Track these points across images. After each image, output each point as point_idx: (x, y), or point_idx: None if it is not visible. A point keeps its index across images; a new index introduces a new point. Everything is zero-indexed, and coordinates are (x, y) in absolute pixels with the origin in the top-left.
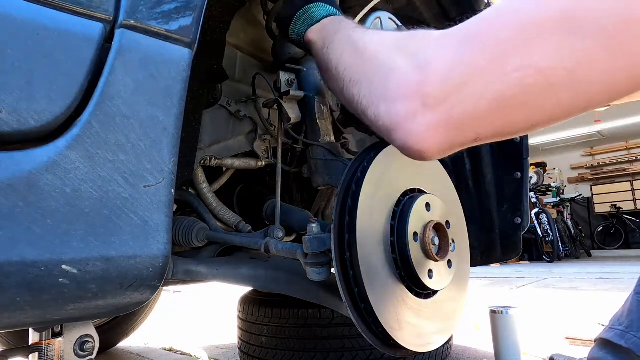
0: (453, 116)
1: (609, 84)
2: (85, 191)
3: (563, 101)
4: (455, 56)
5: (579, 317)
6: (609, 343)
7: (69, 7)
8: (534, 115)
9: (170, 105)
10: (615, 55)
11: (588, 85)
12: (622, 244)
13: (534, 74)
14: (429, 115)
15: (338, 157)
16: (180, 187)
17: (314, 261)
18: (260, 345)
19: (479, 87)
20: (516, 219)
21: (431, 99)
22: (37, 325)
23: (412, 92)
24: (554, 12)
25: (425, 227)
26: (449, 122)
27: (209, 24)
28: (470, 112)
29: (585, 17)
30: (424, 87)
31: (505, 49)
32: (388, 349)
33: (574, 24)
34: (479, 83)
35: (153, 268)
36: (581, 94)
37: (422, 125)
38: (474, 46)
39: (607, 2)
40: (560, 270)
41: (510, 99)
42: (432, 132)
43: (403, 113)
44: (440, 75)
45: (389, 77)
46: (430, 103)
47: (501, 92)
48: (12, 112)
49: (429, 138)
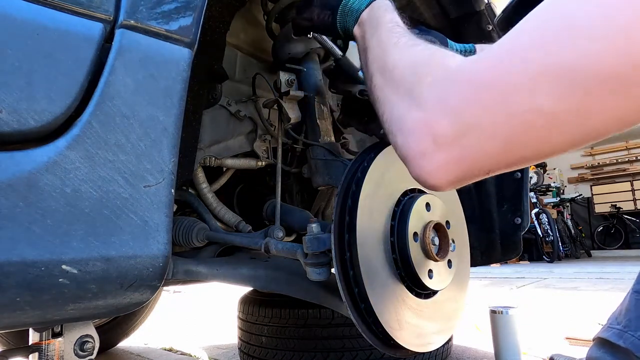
0: (464, 155)
1: (616, 119)
2: (85, 191)
3: (570, 136)
4: (467, 96)
5: (579, 317)
6: (607, 342)
7: (69, 7)
8: (543, 150)
9: (170, 105)
10: (619, 99)
11: (594, 122)
12: (622, 244)
13: (538, 117)
14: (441, 154)
15: (338, 157)
16: (180, 187)
17: (314, 261)
18: (260, 345)
19: (489, 128)
20: (516, 219)
21: (442, 139)
22: (37, 325)
23: (424, 131)
24: (558, 64)
25: (425, 227)
26: (460, 161)
27: (209, 24)
28: (480, 152)
29: (586, 69)
30: (435, 126)
31: (513, 93)
32: (388, 349)
33: (576, 75)
34: (488, 124)
35: (153, 268)
36: (589, 129)
37: (433, 163)
38: (483, 88)
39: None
40: (560, 270)
41: (518, 138)
42: (444, 170)
43: (416, 149)
44: (452, 115)
45: (405, 111)
46: (441, 142)
47: (509, 132)
48: (12, 112)
49: (441, 174)
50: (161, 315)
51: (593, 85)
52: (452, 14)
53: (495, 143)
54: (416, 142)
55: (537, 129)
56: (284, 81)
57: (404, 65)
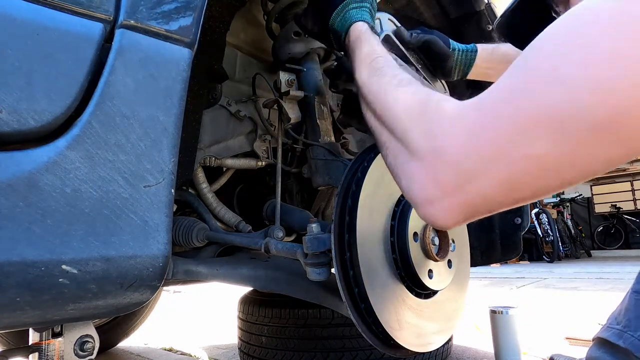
0: (467, 200)
1: (608, 159)
2: (85, 191)
3: (568, 177)
4: (465, 146)
5: (579, 317)
6: (606, 342)
7: (69, 7)
8: (541, 189)
9: (170, 105)
10: (610, 143)
11: (589, 164)
12: (622, 244)
13: (536, 163)
14: (445, 201)
15: (338, 157)
16: (180, 187)
17: (314, 261)
18: (260, 345)
19: (490, 175)
20: (516, 219)
21: (445, 187)
22: (37, 325)
23: (426, 179)
24: (548, 112)
25: (425, 227)
26: (465, 206)
27: (209, 24)
28: (483, 196)
29: (577, 118)
30: (437, 176)
31: (509, 141)
32: (388, 349)
33: (568, 123)
34: (489, 172)
35: (153, 268)
36: (585, 170)
37: (439, 209)
38: (481, 137)
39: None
40: (560, 270)
41: (518, 183)
42: (449, 214)
43: (421, 196)
44: (452, 165)
45: (405, 159)
46: (445, 190)
47: (509, 178)
48: (12, 112)
49: (447, 218)
50: (161, 315)
51: (584, 133)
52: (452, 14)
53: (497, 188)
54: (420, 190)
55: (536, 173)
56: (284, 81)
57: (394, 110)
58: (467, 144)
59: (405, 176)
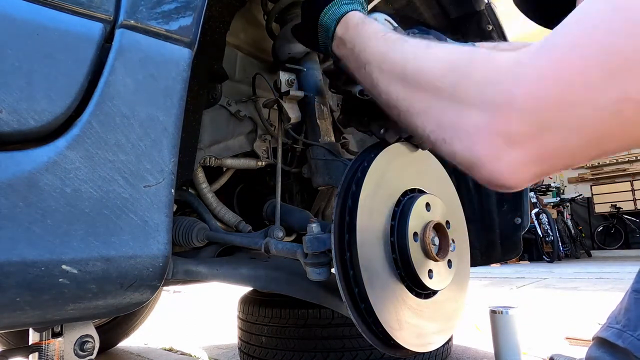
0: (542, 152)
1: None
2: (85, 191)
3: None
4: (539, 90)
5: (579, 317)
6: (606, 342)
7: (69, 7)
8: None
9: (170, 105)
10: None
11: None
12: (622, 244)
13: (632, 106)
14: (516, 154)
15: (338, 157)
16: (180, 187)
17: (314, 261)
18: (260, 345)
19: (571, 121)
20: (516, 219)
21: (516, 137)
22: (37, 325)
23: (492, 133)
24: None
25: (425, 227)
26: (540, 159)
27: (209, 24)
28: (561, 147)
29: None
30: (506, 127)
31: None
32: (388, 349)
33: None
34: (570, 118)
35: (153, 268)
36: None
37: (509, 164)
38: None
39: None
40: (560, 270)
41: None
42: (521, 169)
43: (486, 153)
44: (525, 112)
45: (457, 117)
46: (515, 141)
47: (597, 126)
48: (12, 112)
49: (517, 174)
50: (161, 315)
51: None
52: (452, 14)
53: (578, 137)
54: (484, 146)
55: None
56: (284, 81)
57: (434, 68)
58: (543, 90)
59: (461, 135)
